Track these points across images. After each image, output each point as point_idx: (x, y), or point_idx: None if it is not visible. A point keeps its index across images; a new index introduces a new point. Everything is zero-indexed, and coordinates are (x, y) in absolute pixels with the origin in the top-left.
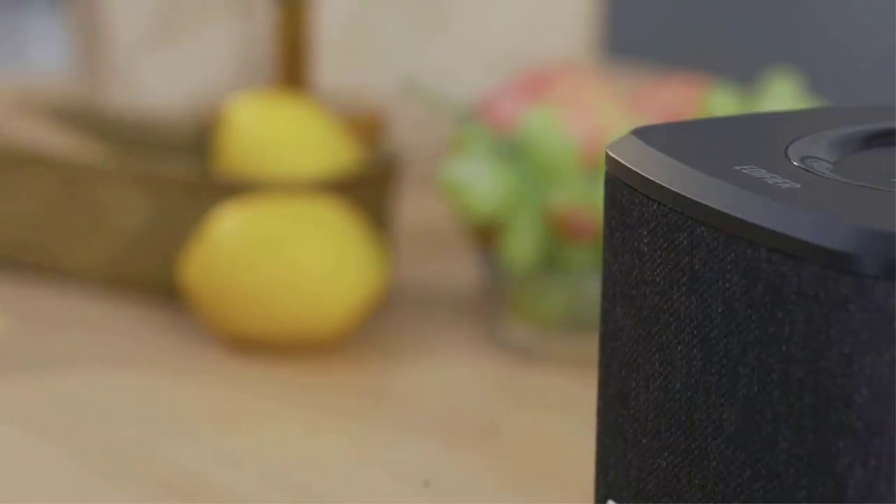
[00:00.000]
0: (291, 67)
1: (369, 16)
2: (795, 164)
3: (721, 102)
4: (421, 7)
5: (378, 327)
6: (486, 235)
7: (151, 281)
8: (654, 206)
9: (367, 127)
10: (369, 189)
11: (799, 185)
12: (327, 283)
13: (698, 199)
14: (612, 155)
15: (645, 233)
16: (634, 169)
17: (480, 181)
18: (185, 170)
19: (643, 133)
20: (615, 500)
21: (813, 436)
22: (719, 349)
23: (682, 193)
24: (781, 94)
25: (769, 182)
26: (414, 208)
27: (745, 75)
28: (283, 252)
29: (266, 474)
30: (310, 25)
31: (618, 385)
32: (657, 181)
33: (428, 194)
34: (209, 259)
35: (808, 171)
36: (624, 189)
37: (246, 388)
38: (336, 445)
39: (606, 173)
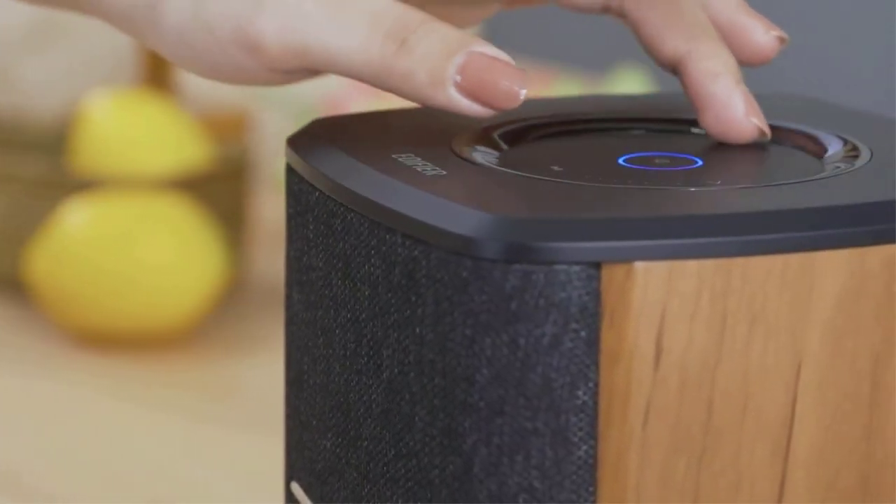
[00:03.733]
0: (156, 67)
1: None
2: (457, 154)
3: (566, 92)
4: None
5: (225, 322)
6: None
7: (3, 276)
8: (317, 194)
9: (232, 126)
10: (220, 186)
11: (444, 173)
12: (170, 279)
13: (347, 186)
14: (288, 145)
15: (311, 219)
16: (302, 158)
17: None
18: (34, 167)
19: (321, 124)
20: (297, 481)
21: (443, 416)
22: (367, 332)
23: (336, 180)
24: (629, 86)
25: (417, 170)
26: (275, 205)
27: (612, 66)
28: (126, 247)
29: (93, 470)
30: None
31: (295, 369)
32: (319, 169)
33: None
34: (55, 254)
35: (465, 160)
36: (296, 178)
37: (85, 382)
38: (169, 442)
39: (286, 163)
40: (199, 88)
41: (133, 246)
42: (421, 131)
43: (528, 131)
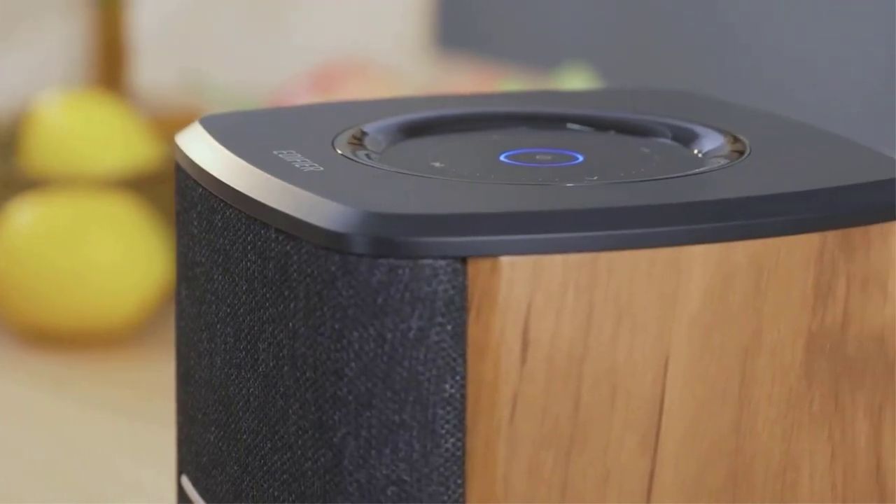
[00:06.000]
0: (108, 68)
1: (203, 14)
2: (339, 150)
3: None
4: (254, 5)
5: (169, 322)
6: None
7: None
8: (200, 191)
9: (182, 126)
10: (169, 186)
11: (321, 169)
12: (116, 278)
13: (225, 181)
14: (176, 142)
15: (195, 216)
16: (188, 154)
17: None
18: None
19: (208, 121)
20: (186, 474)
21: (314, 409)
22: (245, 327)
23: (216, 176)
24: (575, 84)
25: (295, 166)
26: None
27: (560, 64)
28: (73, 246)
29: (34, 468)
30: (127, 25)
31: (183, 364)
32: (201, 166)
33: None
34: (1, 252)
35: (346, 157)
36: (182, 174)
37: (26, 381)
38: (110, 440)
39: (175, 161)
40: (150, 89)
41: (80, 245)
42: (308, 128)
43: (413, 128)
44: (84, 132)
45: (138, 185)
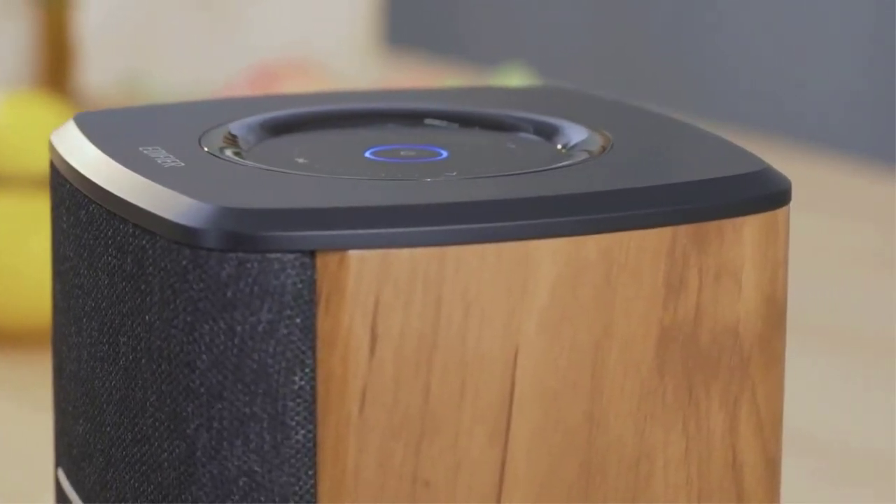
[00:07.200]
0: (53, 67)
1: (149, 15)
2: (205, 147)
3: None
4: (202, 4)
5: None
6: None
7: None
8: (68, 187)
9: None
10: None
11: (182, 165)
12: (46, 276)
13: (88, 177)
14: (51, 139)
15: (64, 211)
16: (58, 151)
17: None
18: None
19: (81, 118)
20: (62, 467)
21: (169, 401)
22: (108, 320)
23: (80, 172)
24: (515, 82)
25: (158, 162)
26: None
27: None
28: (12, 244)
29: None
30: (72, 26)
31: (57, 357)
32: (69, 162)
33: None
34: None
35: (209, 153)
36: (54, 171)
37: None
38: (44, 441)
39: (49, 158)
40: (95, 90)
41: (21, 243)
42: (180, 126)
43: (283, 125)
44: (27, 132)
45: None
